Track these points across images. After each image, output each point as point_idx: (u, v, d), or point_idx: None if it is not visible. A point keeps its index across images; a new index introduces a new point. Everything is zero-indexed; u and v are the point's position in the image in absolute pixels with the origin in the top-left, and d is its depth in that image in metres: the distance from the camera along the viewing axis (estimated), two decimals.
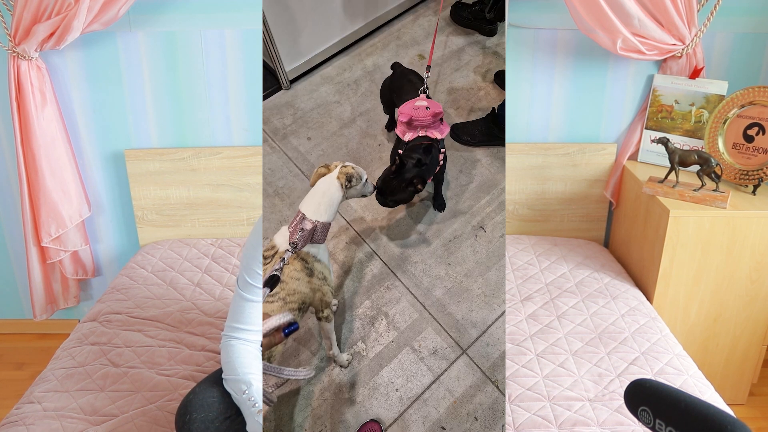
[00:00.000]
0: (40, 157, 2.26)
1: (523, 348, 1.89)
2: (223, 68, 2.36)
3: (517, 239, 2.51)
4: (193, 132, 2.46)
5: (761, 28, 2.36)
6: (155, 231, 2.53)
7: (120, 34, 2.31)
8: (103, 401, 1.65)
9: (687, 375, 1.78)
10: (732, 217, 2.06)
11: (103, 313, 2.03)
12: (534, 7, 2.32)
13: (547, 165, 2.49)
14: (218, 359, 1.81)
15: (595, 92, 2.44)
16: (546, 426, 1.59)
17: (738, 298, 2.18)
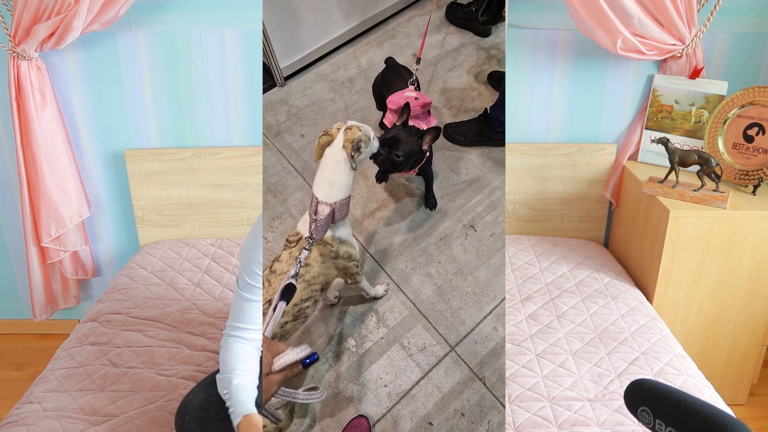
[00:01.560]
0: (40, 157, 2.26)
1: (523, 348, 1.89)
2: (223, 68, 2.36)
3: (517, 239, 2.51)
4: (193, 132, 2.46)
5: (761, 28, 2.36)
6: (155, 231, 2.53)
7: (120, 34, 2.31)
8: (103, 401, 1.65)
9: (687, 375, 1.78)
10: (732, 217, 2.06)
11: (103, 313, 2.03)
12: (534, 7, 2.32)
13: (547, 165, 2.49)
14: (218, 359, 1.81)
15: (595, 92, 2.44)
16: (546, 426, 1.60)
17: (738, 298, 2.18)
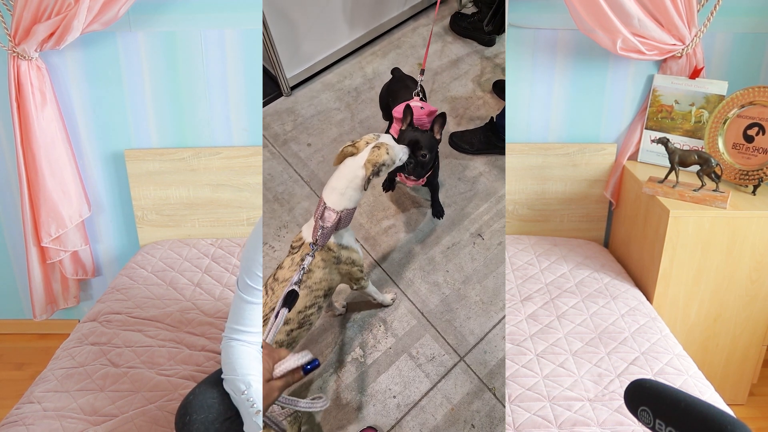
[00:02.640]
0: (40, 157, 2.26)
1: (523, 348, 1.89)
2: (223, 68, 2.36)
3: (517, 239, 2.51)
4: (193, 132, 2.46)
5: (761, 28, 2.36)
6: (155, 231, 2.53)
7: (120, 34, 2.31)
8: (103, 401, 1.65)
9: (687, 375, 1.78)
10: (732, 217, 2.06)
11: (103, 313, 2.03)
12: (534, 7, 2.32)
13: (547, 165, 2.49)
14: (218, 359, 1.81)
15: (595, 92, 2.44)
16: (546, 426, 1.59)
17: (738, 298, 2.18)
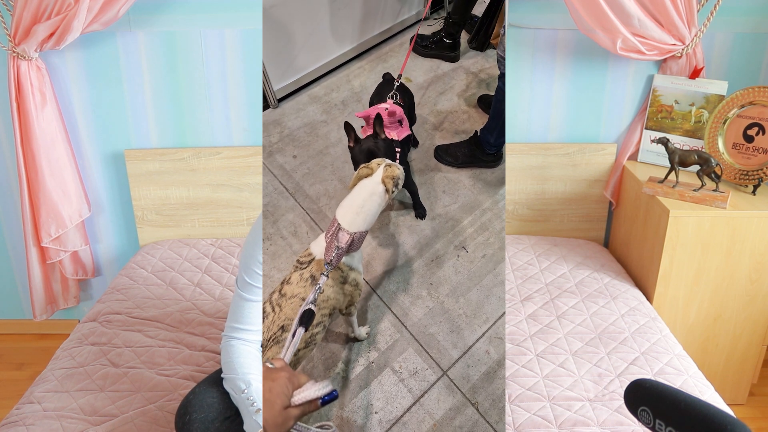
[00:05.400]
0: (40, 157, 2.26)
1: (523, 348, 1.89)
2: (223, 68, 2.36)
3: (517, 239, 2.51)
4: (193, 132, 2.46)
5: (761, 28, 2.36)
6: (155, 231, 2.53)
7: (120, 34, 2.31)
8: (103, 401, 1.65)
9: (687, 375, 1.78)
10: (732, 217, 2.06)
11: (103, 314, 2.03)
12: (534, 7, 2.32)
13: (547, 165, 2.49)
14: (218, 359, 1.81)
15: (595, 92, 2.44)
16: (546, 426, 1.59)
17: (738, 298, 2.18)
